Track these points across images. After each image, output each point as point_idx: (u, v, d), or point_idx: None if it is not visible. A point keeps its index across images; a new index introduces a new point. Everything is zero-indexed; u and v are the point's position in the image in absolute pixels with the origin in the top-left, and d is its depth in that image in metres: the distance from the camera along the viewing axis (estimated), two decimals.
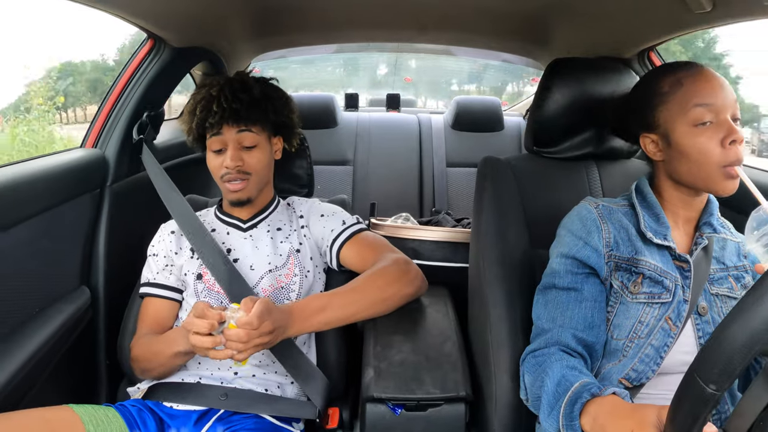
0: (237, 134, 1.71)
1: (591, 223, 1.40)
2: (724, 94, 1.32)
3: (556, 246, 1.44)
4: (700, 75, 1.34)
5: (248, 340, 1.38)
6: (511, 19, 2.41)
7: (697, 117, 1.31)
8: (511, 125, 3.86)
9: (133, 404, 1.58)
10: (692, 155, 1.32)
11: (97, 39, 14.80)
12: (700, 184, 1.34)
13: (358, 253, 1.78)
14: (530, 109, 1.80)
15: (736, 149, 1.28)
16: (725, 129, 1.29)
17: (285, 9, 2.34)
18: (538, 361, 1.31)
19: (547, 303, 1.39)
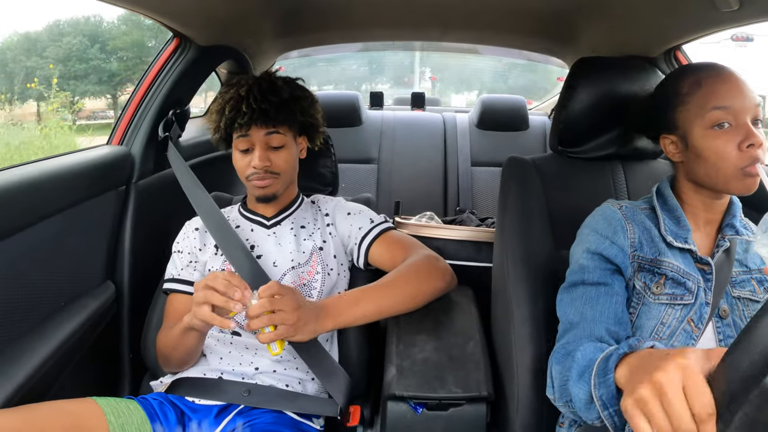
0: (265, 136, 1.72)
1: (616, 223, 1.39)
2: (744, 97, 1.30)
3: (580, 244, 1.42)
4: (719, 77, 1.33)
5: (272, 308, 1.40)
6: (537, 19, 2.40)
7: (714, 119, 1.30)
8: (536, 124, 3.84)
9: (155, 397, 1.59)
10: (709, 158, 1.31)
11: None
12: (719, 186, 1.33)
13: (388, 251, 1.78)
14: (555, 108, 1.79)
15: (755, 152, 1.27)
16: (743, 132, 1.28)
17: (309, 8, 2.35)
18: (567, 350, 1.27)
19: (575, 300, 1.36)
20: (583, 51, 2.50)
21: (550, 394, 1.29)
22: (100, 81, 16.32)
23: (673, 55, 2.18)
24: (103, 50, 16.35)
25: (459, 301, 1.83)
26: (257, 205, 1.84)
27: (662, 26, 1.97)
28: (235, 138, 1.74)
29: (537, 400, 1.48)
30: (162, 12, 1.84)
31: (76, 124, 12.92)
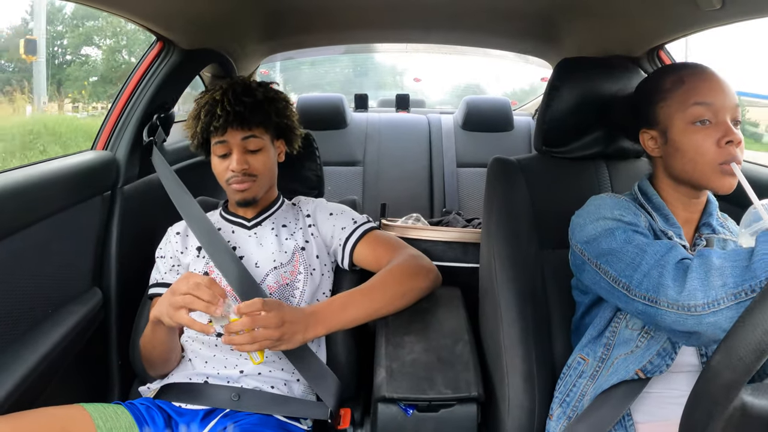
0: (242, 140, 1.73)
1: (626, 205, 1.40)
2: (725, 96, 1.33)
3: (592, 222, 1.37)
4: (702, 75, 1.36)
5: (253, 326, 1.41)
6: (521, 20, 2.41)
7: (695, 115, 1.33)
8: (521, 125, 3.86)
9: (142, 402, 1.60)
10: (688, 152, 1.34)
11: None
12: (695, 181, 1.36)
13: (373, 251, 1.79)
14: (539, 108, 1.80)
15: (732, 149, 1.29)
16: (723, 130, 1.30)
17: (293, 11, 2.34)
18: (678, 267, 1.18)
19: (620, 249, 1.28)
20: (566, 51, 2.52)
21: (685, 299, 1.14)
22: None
23: (657, 55, 2.20)
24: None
25: (447, 302, 1.83)
26: (238, 208, 1.85)
27: (645, 26, 1.99)
28: (213, 144, 1.75)
29: (528, 400, 1.48)
30: (145, 16, 1.84)
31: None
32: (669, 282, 1.15)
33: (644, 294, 1.19)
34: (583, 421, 1.35)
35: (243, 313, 1.41)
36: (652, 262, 1.20)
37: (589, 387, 1.39)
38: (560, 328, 1.59)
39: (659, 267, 1.18)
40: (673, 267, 1.17)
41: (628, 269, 1.24)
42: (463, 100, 3.94)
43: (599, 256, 1.32)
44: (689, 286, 1.11)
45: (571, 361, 1.48)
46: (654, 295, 1.17)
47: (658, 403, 1.37)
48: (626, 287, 1.23)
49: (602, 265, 1.30)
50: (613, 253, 1.28)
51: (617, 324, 1.40)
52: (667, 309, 1.14)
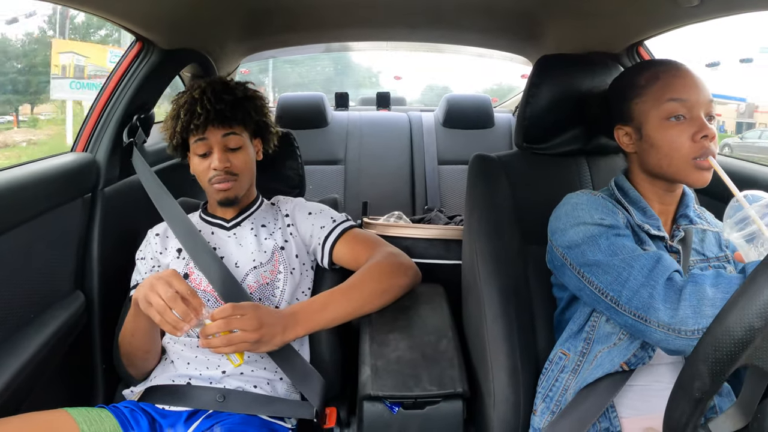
0: (222, 138, 1.74)
1: (603, 203, 1.40)
2: (699, 92, 1.35)
3: (572, 227, 1.37)
4: (676, 71, 1.38)
5: (228, 329, 1.42)
6: (502, 17, 2.42)
7: (670, 111, 1.34)
8: (502, 122, 3.86)
9: (126, 405, 1.60)
10: (663, 148, 1.36)
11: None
12: (671, 175, 1.37)
13: (352, 250, 1.79)
14: (520, 105, 1.81)
15: (707, 143, 1.31)
16: (697, 125, 1.32)
17: (273, 10, 2.34)
18: (668, 286, 1.19)
19: (606, 262, 1.28)
20: (546, 48, 2.53)
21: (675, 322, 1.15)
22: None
23: (636, 51, 2.22)
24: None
25: (430, 299, 1.84)
26: (217, 209, 1.85)
27: (625, 22, 2.00)
28: (193, 143, 1.75)
29: (513, 395, 1.49)
30: (123, 15, 1.82)
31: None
32: (660, 305, 1.16)
33: (634, 311, 1.20)
34: (567, 416, 1.36)
35: (217, 318, 1.42)
36: (642, 279, 1.20)
37: (572, 381, 1.40)
38: (544, 323, 1.60)
39: (649, 287, 1.19)
40: (663, 287, 1.18)
41: (616, 284, 1.24)
42: (444, 98, 3.94)
43: (583, 265, 1.32)
44: (681, 313, 1.13)
45: (552, 356, 1.49)
46: (644, 314, 1.18)
47: (641, 396, 1.38)
48: (614, 301, 1.24)
49: (587, 274, 1.31)
50: (598, 265, 1.28)
51: (596, 319, 1.41)
52: (657, 328, 1.16)
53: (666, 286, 1.18)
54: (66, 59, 12.09)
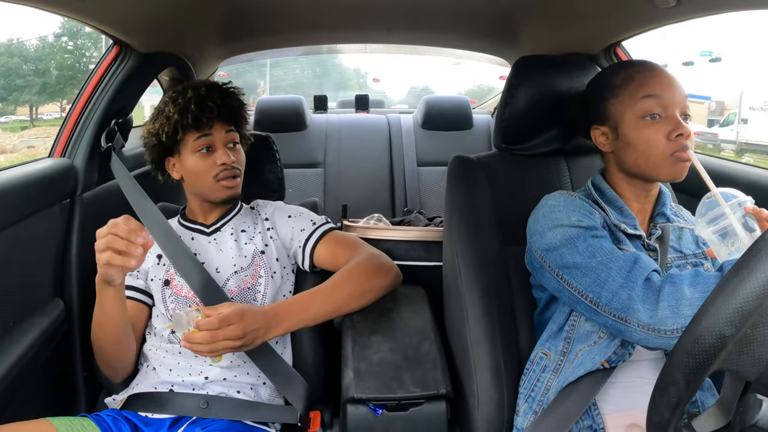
0: (225, 134, 1.75)
1: (581, 204, 1.41)
2: (674, 90, 1.37)
3: (551, 229, 1.38)
4: (651, 70, 1.40)
5: (213, 341, 1.41)
6: (480, 19, 2.43)
7: (645, 109, 1.36)
8: (481, 123, 3.88)
9: (109, 414, 1.59)
10: (639, 146, 1.37)
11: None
12: (648, 173, 1.39)
13: (332, 252, 1.79)
14: (498, 106, 1.81)
15: (683, 141, 1.32)
16: (672, 123, 1.34)
17: (252, 13, 2.33)
18: (647, 287, 1.21)
19: (584, 264, 1.29)
20: (524, 49, 2.55)
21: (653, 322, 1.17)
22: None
23: (613, 52, 2.24)
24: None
25: (412, 301, 1.85)
26: (197, 214, 1.84)
27: (602, 23, 2.02)
28: (194, 140, 1.73)
29: (497, 394, 1.50)
30: (101, 19, 1.81)
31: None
32: (639, 306, 1.17)
33: (614, 312, 1.21)
34: (550, 415, 1.37)
35: (203, 329, 1.41)
36: (620, 281, 1.22)
37: (553, 381, 1.41)
38: (525, 323, 1.61)
39: (628, 288, 1.20)
40: (641, 288, 1.19)
41: (595, 286, 1.25)
42: (423, 99, 3.95)
43: (562, 267, 1.33)
44: (660, 313, 1.15)
45: (533, 356, 1.50)
46: (624, 315, 1.19)
47: (623, 392, 1.39)
48: (594, 303, 1.25)
49: (566, 276, 1.32)
50: (577, 268, 1.30)
51: (576, 318, 1.42)
52: (637, 328, 1.18)
53: (644, 287, 1.19)
54: None
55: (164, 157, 1.80)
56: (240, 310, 1.46)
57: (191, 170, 1.75)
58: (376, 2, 2.27)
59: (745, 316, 0.66)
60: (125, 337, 1.64)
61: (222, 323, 1.42)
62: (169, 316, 1.70)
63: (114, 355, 1.65)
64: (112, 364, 1.67)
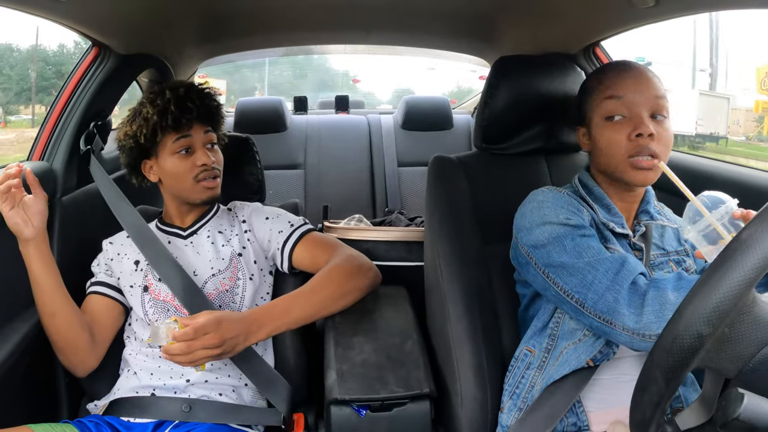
0: (204, 135, 1.75)
1: (569, 201, 1.42)
2: (641, 88, 1.37)
3: (538, 225, 1.38)
4: (620, 70, 1.41)
5: (190, 351, 1.40)
6: (459, 20, 2.43)
7: (608, 110, 1.38)
8: (461, 123, 3.90)
9: (91, 419, 1.57)
10: (603, 147, 1.40)
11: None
12: (615, 175, 1.40)
13: (311, 254, 1.79)
14: (478, 106, 1.82)
15: (643, 141, 1.33)
16: (633, 123, 1.34)
17: (231, 14, 2.32)
18: (633, 290, 1.22)
19: (571, 264, 1.30)
20: (504, 50, 2.55)
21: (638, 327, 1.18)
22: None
23: (593, 52, 2.25)
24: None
25: (393, 301, 1.85)
26: (173, 217, 1.84)
27: (581, 23, 2.03)
28: (173, 142, 1.72)
29: (480, 393, 1.50)
30: (80, 21, 1.79)
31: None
32: (624, 309, 1.18)
33: (599, 314, 1.23)
34: (534, 412, 1.38)
35: (179, 340, 1.41)
36: (607, 283, 1.23)
37: (538, 378, 1.42)
38: (508, 321, 1.62)
39: (614, 291, 1.21)
40: (627, 292, 1.20)
41: (581, 287, 1.26)
42: (403, 100, 3.97)
43: (548, 266, 1.33)
44: (645, 318, 1.16)
45: (518, 353, 1.50)
46: (609, 318, 1.21)
47: (607, 389, 1.40)
48: (580, 303, 1.26)
49: (552, 275, 1.32)
50: (564, 267, 1.30)
51: (560, 316, 1.42)
52: (622, 332, 1.19)
53: (630, 291, 1.20)
54: None
55: (141, 159, 1.78)
56: (216, 319, 1.45)
57: (170, 172, 1.74)
58: (355, 3, 2.27)
59: (721, 315, 0.67)
60: (60, 309, 1.63)
61: (197, 333, 1.41)
62: (148, 321, 1.69)
63: (54, 331, 1.64)
64: (58, 345, 1.66)
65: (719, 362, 0.72)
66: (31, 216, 1.59)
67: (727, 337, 0.69)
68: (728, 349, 0.70)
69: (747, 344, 0.69)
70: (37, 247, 1.59)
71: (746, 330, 0.69)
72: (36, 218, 1.59)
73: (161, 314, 1.68)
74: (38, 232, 1.60)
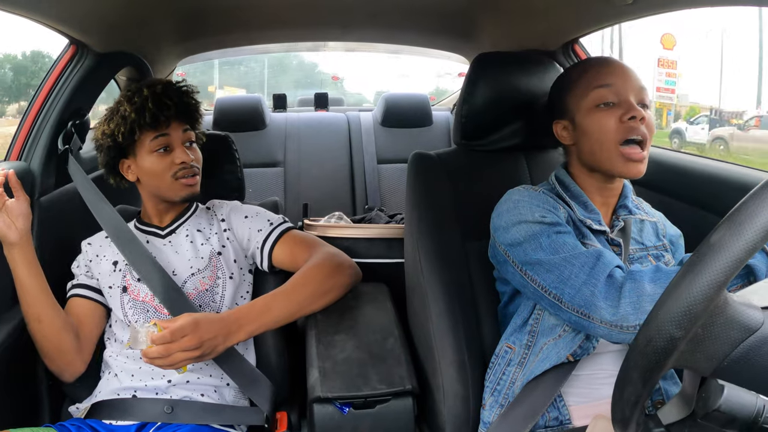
0: (183, 133, 1.74)
1: (545, 199, 1.43)
2: (626, 78, 1.40)
3: (515, 224, 1.39)
4: (604, 61, 1.45)
5: (168, 354, 1.40)
6: (437, 16, 2.44)
7: (598, 97, 1.40)
8: (440, 120, 3.90)
9: (73, 423, 1.56)
10: (594, 133, 1.40)
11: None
12: (604, 164, 1.41)
13: (291, 252, 1.79)
14: (457, 103, 1.83)
15: (635, 124, 1.35)
16: (625, 107, 1.37)
17: (209, 11, 2.31)
18: (609, 283, 1.23)
19: (547, 261, 1.31)
20: (483, 47, 2.57)
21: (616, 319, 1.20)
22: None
23: (571, 49, 2.27)
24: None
25: (374, 299, 1.86)
26: (152, 216, 1.83)
27: (560, 20, 2.05)
28: (150, 140, 1.71)
29: (462, 389, 1.51)
30: (56, 18, 1.78)
31: None
32: (601, 302, 1.20)
33: (577, 309, 1.24)
34: (516, 408, 1.39)
35: (157, 344, 1.40)
36: (583, 277, 1.24)
37: (518, 374, 1.43)
38: (488, 317, 1.63)
39: (590, 284, 1.22)
40: (603, 284, 1.21)
41: (558, 282, 1.28)
42: (382, 97, 3.97)
43: (525, 263, 1.34)
44: (622, 310, 1.17)
45: (498, 350, 1.51)
46: (587, 311, 1.22)
47: (588, 384, 1.42)
48: (557, 299, 1.27)
49: (529, 272, 1.33)
50: (540, 264, 1.31)
51: (540, 312, 1.43)
52: (600, 324, 1.20)
53: (607, 284, 1.21)
54: None
55: (119, 159, 1.77)
56: (194, 321, 1.45)
57: (149, 171, 1.73)
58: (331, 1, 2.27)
59: (692, 318, 0.68)
60: (46, 313, 1.62)
61: (175, 335, 1.41)
62: (128, 322, 1.68)
63: (41, 336, 1.63)
64: (45, 350, 1.65)
65: (694, 362, 0.73)
66: (15, 219, 1.57)
67: (701, 338, 0.70)
68: (703, 349, 0.71)
69: (721, 344, 0.70)
70: (21, 251, 1.58)
71: (719, 330, 0.70)
72: (19, 221, 1.57)
73: (141, 315, 1.68)
74: (22, 235, 1.58)
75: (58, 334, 1.64)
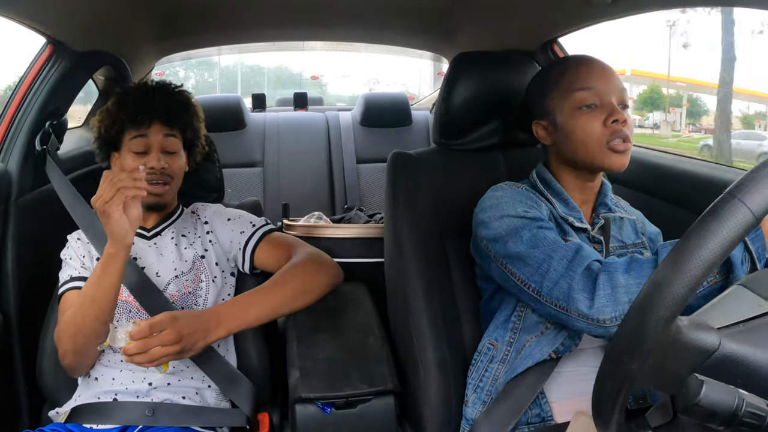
0: (163, 138, 1.71)
1: (527, 194, 1.45)
2: (607, 80, 1.41)
3: (497, 219, 1.41)
4: (584, 62, 1.45)
5: (147, 349, 1.38)
6: (416, 16, 2.45)
7: (580, 100, 1.40)
8: (419, 119, 3.92)
9: (53, 428, 1.54)
10: (577, 135, 1.41)
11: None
12: (588, 162, 1.42)
13: (273, 254, 1.78)
14: (436, 102, 1.84)
15: (618, 127, 1.37)
16: (608, 110, 1.38)
17: (187, 10, 2.31)
18: (586, 275, 1.24)
19: (527, 254, 1.33)
20: (463, 46, 2.57)
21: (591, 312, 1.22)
22: None
23: (550, 48, 2.28)
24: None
25: (354, 298, 1.86)
26: None
27: (538, 20, 2.06)
28: (129, 139, 1.70)
29: (444, 387, 1.52)
30: (32, 17, 1.76)
31: None
32: (578, 295, 1.21)
33: (555, 302, 1.25)
34: (499, 405, 1.40)
35: (135, 338, 1.39)
36: (561, 270, 1.25)
37: (501, 371, 1.44)
38: (468, 315, 1.64)
39: (568, 277, 1.24)
40: (580, 276, 1.23)
41: (537, 275, 1.29)
42: (361, 96, 3.98)
43: (506, 257, 1.36)
44: (598, 302, 1.19)
45: (481, 347, 1.52)
46: (565, 305, 1.23)
47: (569, 380, 1.43)
48: (537, 292, 1.29)
49: (509, 266, 1.35)
50: (520, 258, 1.33)
51: (523, 309, 1.44)
52: (578, 318, 1.22)
53: (583, 276, 1.23)
54: None
55: (110, 151, 1.77)
56: (172, 315, 1.44)
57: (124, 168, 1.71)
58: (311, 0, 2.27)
59: (644, 352, 0.70)
60: (110, 313, 1.57)
61: (153, 329, 1.39)
62: None
63: (89, 332, 1.55)
64: (83, 347, 1.58)
65: (659, 382, 0.75)
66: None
67: (662, 362, 0.73)
68: (666, 371, 0.73)
69: (681, 366, 0.72)
70: (126, 254, 1.52)
71: (678, 355, 0.72)
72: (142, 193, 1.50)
73: (123, 315, 1.66)
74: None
75: (105, 326, 1.55)
